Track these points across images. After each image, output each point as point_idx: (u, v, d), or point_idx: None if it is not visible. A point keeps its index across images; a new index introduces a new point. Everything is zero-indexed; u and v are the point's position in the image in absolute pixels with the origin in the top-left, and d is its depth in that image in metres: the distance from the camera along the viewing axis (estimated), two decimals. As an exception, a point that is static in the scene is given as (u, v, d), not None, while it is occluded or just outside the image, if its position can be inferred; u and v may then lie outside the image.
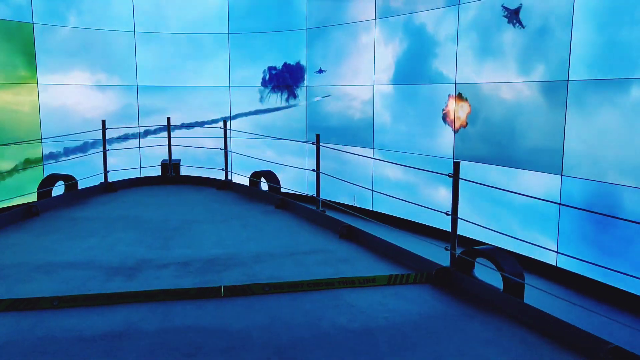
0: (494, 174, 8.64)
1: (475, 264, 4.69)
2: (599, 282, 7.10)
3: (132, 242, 5.78)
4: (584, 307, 4.23)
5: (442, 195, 9.42)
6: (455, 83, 9.28)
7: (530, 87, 8.08)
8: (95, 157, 10.19)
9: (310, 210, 6.89)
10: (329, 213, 6.70)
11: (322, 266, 5.04)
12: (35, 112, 10.97)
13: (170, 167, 9.41)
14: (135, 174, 9.95)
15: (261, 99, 12.66)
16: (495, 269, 4.48)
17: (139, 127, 11.42)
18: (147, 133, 12.10)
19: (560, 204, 7.28)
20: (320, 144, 7.06)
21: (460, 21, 9.10)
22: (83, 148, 11.33)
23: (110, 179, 8.71)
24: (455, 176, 4.76)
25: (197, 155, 11.77)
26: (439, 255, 4.93)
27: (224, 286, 4.41)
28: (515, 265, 4.46)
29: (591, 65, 7.20)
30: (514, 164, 8.36)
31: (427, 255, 4.97)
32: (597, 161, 7.17)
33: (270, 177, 8.27)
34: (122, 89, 11.97)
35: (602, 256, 7.08)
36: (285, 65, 12.44)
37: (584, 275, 7.29)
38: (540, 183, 7.90)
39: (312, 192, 7.51)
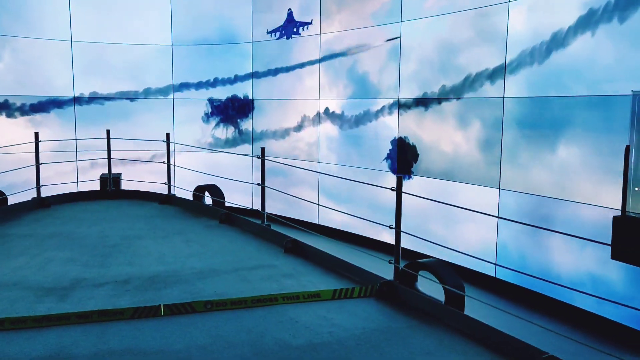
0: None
1: (419, 276, 4.76)
2: (534, 292, 7.37)
3: (66, 261, 5.51)
4: (520, 318, 4.37)
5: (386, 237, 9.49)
6: (398, 129, 9.47)
7: (467, 141, 8.36)
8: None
9: (255, 224, 6.81)
10: (274, 227, 6.64)
11: (267, 282, 4.98)
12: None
13: (110, 181, 9.09)
14: (72, 189, 9.55)
15: (204, 136, 12.39)
16: (438, 281, 4.56)
17: (75, 139, 10.98)
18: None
19: (498, 217, 7.52)
20: (266, 157, 7.01)
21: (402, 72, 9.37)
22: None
23: (43, 194, 8.31)
24: (398, 190, 4.82)
25: (139, 169, 11.43)
26: (383, 269, 4.96)
27: (163, 305, 4.26)
28: (456, 278, 4.55)
29: (522, 122, 7.58)
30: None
31: (372, 269, 5.00)
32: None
33: (215, 191, 8.13)
34: (59, 126, 11.31)
35: (537, 267, 7.36)
36: (229, 99, 12.22)
37: (521, 286, 7.55)
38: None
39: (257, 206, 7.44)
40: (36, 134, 8.32)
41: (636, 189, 5.18)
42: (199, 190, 8.45)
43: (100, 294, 4.58)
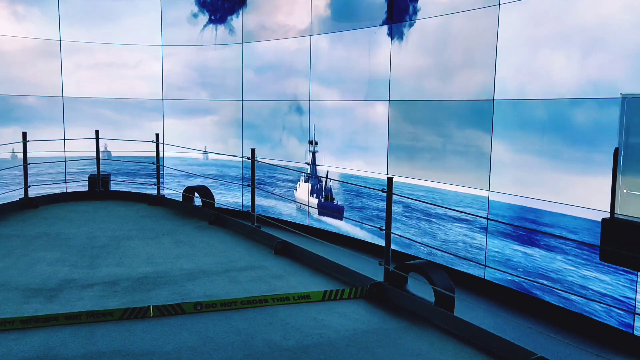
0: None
1: (409, 278, 4.77)
2: (524, 294, 7.41)
3: (54, 261, 5.46)
4: (510, 319, 4.39)
5: (379, 111, 9.52)
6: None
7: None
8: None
9: (245, 225, 6.79)
10: (264, 229, 6.62)
11: (257, 283, 4.96)
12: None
13: (99, 181, 9.01)
14: (60, 189, 9.47)
15: (191, 39, 11.80)
16: (428, 283, 4.57)
17: (64, 139, 10.89)
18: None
19: (488, 218, 7.56)
20: (256, 158, 7.00)
21: None
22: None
23: (31, 195, 8.22)
24: (388, 192, 4.83)
25: (129, 169, 11.38)
26: (374, 270, 4.97)
27: (153, 306, 4.23)
28: (446, 279, 4.57)
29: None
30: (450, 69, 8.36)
31: (362, 270, 5.01)
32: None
33: (204, 192, 8.10)
34: (41, 21, 10.92)
35: (527, 269, 7.41)
36: None
37: (510, 287, 7.59)
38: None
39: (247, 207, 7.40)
40: (24, 134, 8.23)
41: (624, 191, 5.23)
42: (189, 191, 8.41)
43: (89, 295, 4.54)
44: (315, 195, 10.69)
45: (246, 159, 7.47)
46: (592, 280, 6.59)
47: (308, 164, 10.71)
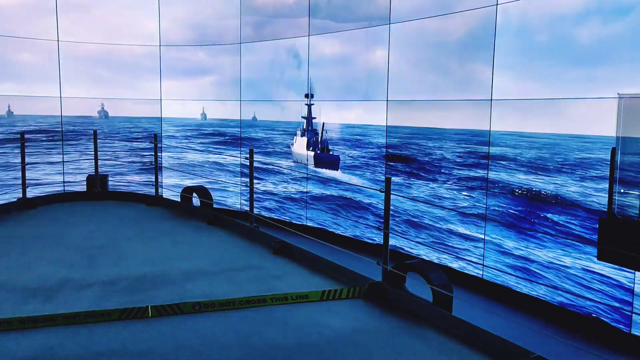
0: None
1: (407, 277, 4.77)
2: (522, 293, 7.43)
3: (53, 261, 5.45)
4: (508, 318, 4.40)
5: (379, 55, 9.49)
6: None
7: None
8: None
9: (244, 226, 6.79)
10: (262, 229, 6.63)
11: (255, 283, 4.96)
12: None
13: (97, 181, 9.01)
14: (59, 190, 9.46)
15: None
16: (426, 282, 4.58)
17: (62, 140, 10.87)
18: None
19: (486, 218, 7.58)
20: (254, 159, 7.00)
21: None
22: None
23: (29, 195, 8.21)
24: (386, 192, 4.84)
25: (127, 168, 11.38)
26: (372, 270, 4.98)
27: (151, 306, 4.23)
28: (444, 278, 4.57)
29: None
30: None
31: (360, 270, 5.01)
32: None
33: (203, 192, 8.10)
34: None
35: (525, 268, 7.43)
36: None
37: (508, 286, 7.61)
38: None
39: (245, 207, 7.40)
40: (22, 134, 8.22)
41: (621, 190, 5.25)
42: (187, 192, 8.40)
43: (87, 295, 4.54)
44: (311, 149, 10.76)
45: (244, 159, 7.47)
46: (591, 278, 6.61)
47: (304, 117, 10.72)
